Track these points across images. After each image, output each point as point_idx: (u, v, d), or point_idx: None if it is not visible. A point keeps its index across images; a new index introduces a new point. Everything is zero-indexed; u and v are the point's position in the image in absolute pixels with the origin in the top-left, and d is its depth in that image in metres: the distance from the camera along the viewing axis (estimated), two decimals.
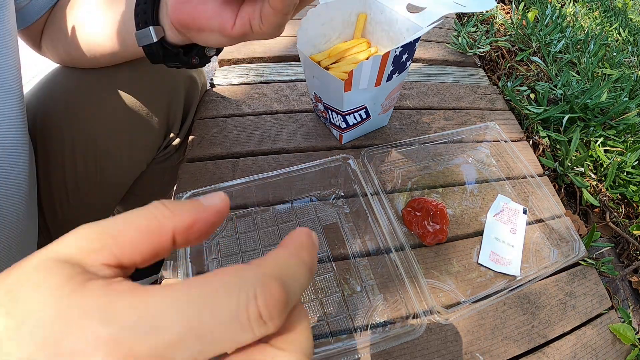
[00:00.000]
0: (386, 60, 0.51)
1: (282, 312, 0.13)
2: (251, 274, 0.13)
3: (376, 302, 0.49)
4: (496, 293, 0.48)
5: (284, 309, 0.14)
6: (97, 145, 0.53)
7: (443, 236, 0.55)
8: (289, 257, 0.15)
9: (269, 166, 0.62)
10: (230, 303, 0.13)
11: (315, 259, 0.16)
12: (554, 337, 0.51)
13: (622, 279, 0.61)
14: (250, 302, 0.13)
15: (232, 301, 0.13)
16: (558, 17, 1.12)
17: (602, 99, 0.80)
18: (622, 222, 0.68)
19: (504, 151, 0.66)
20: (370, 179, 0.56)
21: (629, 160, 0.72)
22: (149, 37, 0.38)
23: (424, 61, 0.90)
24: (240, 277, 0.13)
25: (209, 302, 0.12)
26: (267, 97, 0.74)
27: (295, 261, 0.15)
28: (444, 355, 0.47)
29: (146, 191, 0.72)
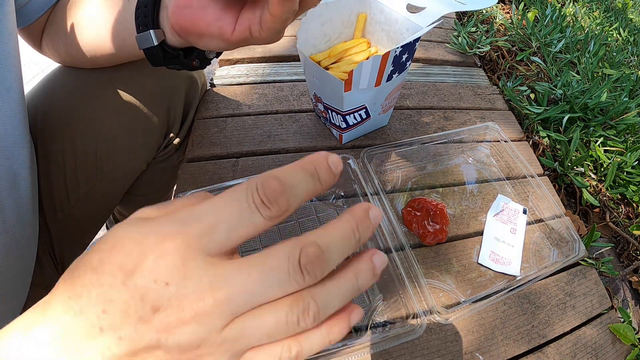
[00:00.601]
0: (386, 60, 0.51)
1: (318, 264, 0.17)
2: (291, 242, 0.18)
3: (376, 302, 0.49)
4: (496, 293, 0.48)
5: (320, 263, 0.17)
6: (97, 145, 0.53)
7: (443, 236, 0.55)
8: (332, 230, 0.19)
9: (269, 166, 0.62)
10: (277, 259, 0.17)
11: (365, 228, 0.20)
12: (554, 337, 0.51)
13: (622, 279, 0.61)
14: (291, 257, 0.17)
15: (279, 258, 0.17)
16: (558, 17, 1.12)
17: (602, 99, 0.80)
18: (622, 222, 0.68)
19: (504, 151, 0.66)
20: (370, 179, 0.56)
21: (629, 160, 0.72)
22: (150, 41, 0.38)
23: (424, 61, 0.90)
24: (284, 245, 0.18)
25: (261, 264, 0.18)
26: (267, 97, 0.74)
27: (336, 231, 0.19)
28: (444, 355, 0.47)
29: (146, 191, 0.72)
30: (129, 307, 0.16)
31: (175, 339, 0.16)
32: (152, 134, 0.59)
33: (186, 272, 0.16)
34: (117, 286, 0.16)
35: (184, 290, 0.16)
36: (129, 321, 0.16)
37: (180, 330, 0.16)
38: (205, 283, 0.16)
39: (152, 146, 0.61)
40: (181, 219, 0.17)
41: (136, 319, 0.16)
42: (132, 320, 0.16)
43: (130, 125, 0.55)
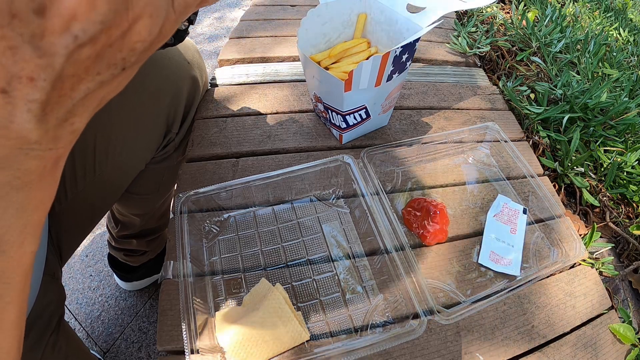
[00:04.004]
0: (386, 60, 0.51)
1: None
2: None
3: (376, 302, 0.49)
4: (496, 293, 0.48)
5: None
6: (96, 143, 0.53)
7: (443, 236, 0.55)
8: None
9: (269, 166, 0.62)
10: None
11: None
12: (554, 337, 0.51)
13: (622, 279, 0.61)
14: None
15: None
16: (558, 17, 1.12)
17: (602, 99, 0.80)
18: (622, 222, 0.68)
19: (504, 151, 0.66)
20: (370, 179, 0.56)
21: (629, 160, 0.72)
22: None
23: (424, 61, 0.90)
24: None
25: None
26: (267, 97, 0.74)
27: None
28: (444, 355, 0.47)
29: (145, 190, 0.72)
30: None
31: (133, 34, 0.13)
32: (151, 134, 0.59)
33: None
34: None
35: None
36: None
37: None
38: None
39: (151, 145, 0.61)
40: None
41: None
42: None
43: (129, 124, 0.55)
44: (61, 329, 0.50)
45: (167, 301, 0.48)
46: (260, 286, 0.48)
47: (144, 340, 0.93)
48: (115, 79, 0.15)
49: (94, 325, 0.95)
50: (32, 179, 0.16)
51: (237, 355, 0.42)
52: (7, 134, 0.14)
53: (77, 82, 0.14)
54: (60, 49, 0.13)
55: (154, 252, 0.94)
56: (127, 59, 0.15)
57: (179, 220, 0.49)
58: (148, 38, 0.15)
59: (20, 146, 0.14)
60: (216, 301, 0.48)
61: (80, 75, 0.14)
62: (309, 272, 0.51)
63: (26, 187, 0.16)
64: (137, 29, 0.14)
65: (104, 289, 1.01)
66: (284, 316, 0.45)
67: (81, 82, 0.14)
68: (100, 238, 1.09)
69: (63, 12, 0.12)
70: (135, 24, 0.14)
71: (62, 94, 0.14)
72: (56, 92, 0.14)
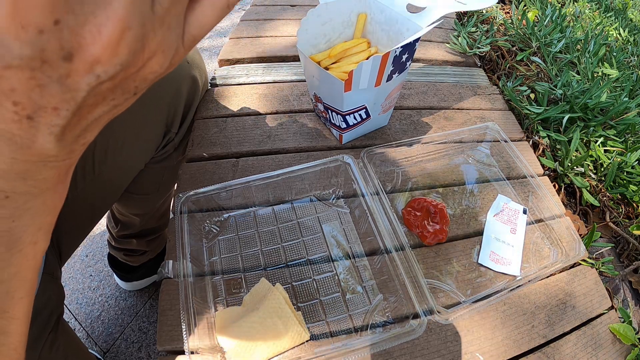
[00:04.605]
0: (386, 60, 0.51)
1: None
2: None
3: (376, 302, 0.49)
4: (496, 293, 0.48)
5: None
6: (95, 143, 0.52)
7: (443, 236, 0.55)
8: None
9: (269, 166, 0.62)
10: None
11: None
12: (554, 337, 0.51)
13: (622, 279, 0.61)
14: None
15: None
16: (558, 17, 1.12)
17: (602, 99, 0.80)
18: (622, 222, 0.68)
19: (504, 151, 0.66)
20: (370, 179, 0.56)
21: (629, 160, 0.72)
22: None
23: (424, 61, 0.90)
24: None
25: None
26: (267, 97, 0.74)
27: None
28: (444, 355, 0.47)
29: (145, 190, 0.72)
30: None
31: (111, 61, 0.14)
32: (151, 133, 0.59)
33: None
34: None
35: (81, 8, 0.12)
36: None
37: (105, 47, 0.13)
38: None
39: (150, 145, 0.61)
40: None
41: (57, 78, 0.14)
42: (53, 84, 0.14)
43: (128, 124, 0.55)
44: (60, 328, 0.50)
45: (167, 301, 0.48)
46: (260, 286, 0.48)
47: (144, 340, 0.93)
48: (127, 101, 0.17)
49: (94, 325, 0.95)
50: (48, 187, 0.17)
51: (237, 355, 0.42)
52: (30, 152, 0.15)
53: (94, 108, 0.16)
54: (83, 86, 0.14)
55: (154, 252, 0.94)
56: (139, 87, 0.17)
57: (179, 220, 0.49)
58: (159, 70, 0.16)
59: (40, 160, 0.16)
60: (216, 301, 0.48)
61: (98, 102, 0.16)
62: (309, 272, 0.51)
63: (43, 194, 0.17)
64: (150, 65, 0.16)
65: (104, 289, 1.01)
66: (284, 316, 0.45)
67: (97, 107, 0.16)
68: (100, 238, 1.09)
69: (88, 59, 0.13)
70: (150, 61, 0.15)
71: (81, 118, 0.16)
72: (76, 118, 0.15)
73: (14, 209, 0.17)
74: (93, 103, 0.15)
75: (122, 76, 0.15)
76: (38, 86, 0.13)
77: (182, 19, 0.16)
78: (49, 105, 0.14)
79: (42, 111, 0.14)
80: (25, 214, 0.17)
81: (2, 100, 0.13)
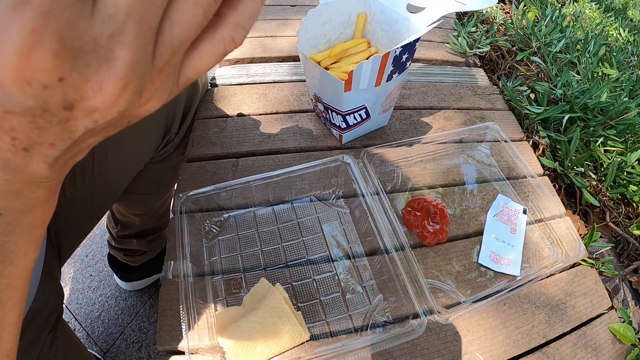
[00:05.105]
0: (386, 60, 0.51)
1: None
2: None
3: (376, 302, 0.49)
4: (496, 293, 0.48)
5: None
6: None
7: (443, 236, 0.55)
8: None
9: (269, 166, 0.62)
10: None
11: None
12: (554, 337, 0.51)
13: (622, 279, 0.61)
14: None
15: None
16: (558, 17, 1.12)
17: (602, 99, 0.80)
18: (622, 222, 0.68)
19: (504, 151, 0.66)
20: (370, 179, 0.56)
21: (629, 160, 0.72)
22: None
23: (424, 61, 0.90)
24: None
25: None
26: (267, 97, 0.74)
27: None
28: (444, 355, 0.47)
29: (145, 190, 0.72)
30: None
31: (110, 109, 0.14)
32: (150, 133, 0.59)
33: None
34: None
35: (85, 67, 0.12)
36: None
37: (106, 92, 0.13)
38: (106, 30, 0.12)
39: (150, 145, 0.61)
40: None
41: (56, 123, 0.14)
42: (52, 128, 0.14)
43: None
44: (59, 329, 0.50)
45: (167, 301, 0.48)
46: (260, 286, 0.48)
47: (144, 340, 0.93)
48: (119, 130, 0.18)
49: (94, 325, 0.95)
50: (39, 202, 0.18)
51: (237, 355, 0.42)
52: (23, 175, 0.16)
53: (88, 139, 0.16)
54: (80, 128, 0.15)
55: (154, 252, 0.94)
56: (132, 121, 0.17)
57: (179, 220, 0.49)
58: (153, 110, 0.17)
59: (33, 182, 0.16)
60: (216, 301, 0.48)
61: (92, 136, 0.16)
62: (309, 272, 0.51)
63: (34, 209, 0.18)
64: (145, 107, 0.16)
65: (104, 289, 1.01)
66: (284, 316, 0.45)
67: (91, 139, 0.16)
68: (100, 238, 1.09)
69: (88, 108, 0.14)
70: (145, 104, 0.16)
71: (74, 148, 0.16)
72: (69, 149, 0.16)
73: (6, 224, 0.17)
74: (88, 137, 0.16)
75: (118, 118, 0.15)
76: (37, 128, 0.14)
77: (179, 66, 0.16)
78: (46, 142, 0.15)
79: (39, 145, 0.15)
80: (17, 229, 0.18)
81: (1, 134, 0.14)
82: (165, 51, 0.14)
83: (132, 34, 0.12)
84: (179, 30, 0.14)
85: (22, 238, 0.18)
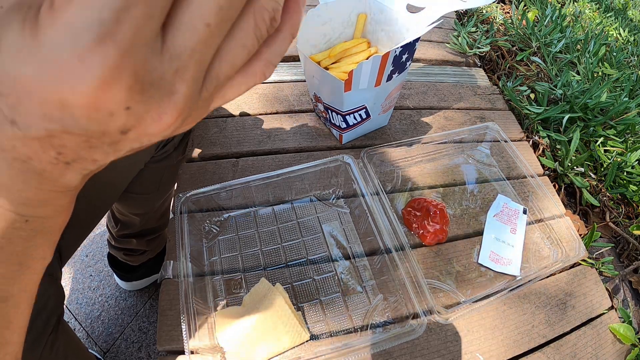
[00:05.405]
0: (386, 60, 0.51)
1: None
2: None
3: (376, 302, 0.49)
4: (496, 293, 0.48)
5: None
6: None
7: (443, 236, 0.55)
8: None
9: (269, 166, 0.62)
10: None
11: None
12: (554, 337, 0.51)
13: (622, 279, 0.61)
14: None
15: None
16: (558, 17, 1.12)
17: (602, 99, 0.80)
18: (622, 222, 0.68)
19: (504, 151, 0.66)
20: (370, 179, 0.56)
21: (629, 160, 0.72)
22: None
23: (424, 61, 0.90)
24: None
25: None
26: (267, 97, 0.74)
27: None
28: (444, 355, 0.47)
29: (145, 189, 0.72)
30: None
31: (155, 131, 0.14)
32: None
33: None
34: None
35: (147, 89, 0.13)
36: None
37: (163, 122, 0.14)
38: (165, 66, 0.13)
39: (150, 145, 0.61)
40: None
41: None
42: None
43: None
44: (60, 329, 0.50)
45: (167, 301, 0.48)
46: (260, 286, 0.48)
47: (144, 340, 0.93)
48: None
49: (94, 325, 0.95)
50: (63, 210, 0.19)
51: (237, 355, 0.42)
52: (54, 185, 0.16)
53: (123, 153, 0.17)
54: (127, 148, 0.15)
55: (154, 251, 0.94)
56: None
57: (179, 220, 0.49)
58: (184, 131, 0.18)
59: (61, 191, 0.17)
60: (216, 301, 0.48)
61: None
62: (309, 272, 0.51)
63: (57, 216, 0.19)
64: (181, 130, 0.17)
65: (104, 289, 1.01)
66: (284, 316, 0.45)
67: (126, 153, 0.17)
68: (100, 238, 1.09)
69: (142, 133, 0.14)
70: (182, 128, 0.17)
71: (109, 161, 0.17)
72: (105, 164, 0.17)
73: (31, 230, 0.18)
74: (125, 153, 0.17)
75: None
76: (89, 147, 0.14)
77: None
78: (90, 158, 0.15)
79: (82, 160, 0.15)
80: (38, 235, 0.18)
81: (47, 148, 0.14)
82: (211, 85, 0.15)
83: (192, 71, 0.14)
84: (226, 67, 0.15)
85: (42, 244, 0.19)
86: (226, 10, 0.13)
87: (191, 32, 0.13)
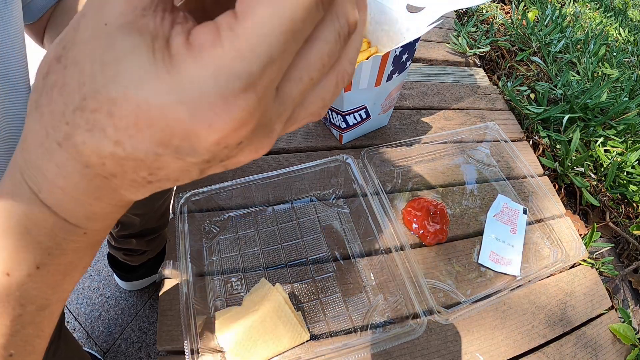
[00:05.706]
0: (386, 60, 0.51)
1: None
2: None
3: (376, 302, 0.49)
4: (496, 293, 0.48)
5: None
6: None
7: (443, 236, 0.55)
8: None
9: (269, 166, 0.62)
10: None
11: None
12: (554, 337, 0.51)
13: (622, 279, 0.61)
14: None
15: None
16: (558, 17, 1.12)
17: (602, 99, 0.80)
18: (622, 222, 0.68)
19: (504, 151, 0.66)
20: (370, 179, 0.56)
21: (629, 160, 0.72)
22: None
23: (424, 61, 0.90)
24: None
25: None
26: None
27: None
28: (444, 355, 0.47)
29: None
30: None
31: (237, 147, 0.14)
32: None
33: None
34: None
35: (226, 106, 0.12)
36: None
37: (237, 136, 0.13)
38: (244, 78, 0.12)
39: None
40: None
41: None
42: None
43: None
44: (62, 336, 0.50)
45: (167, 301, 0.48)
46: (260, 286, 0.48)
47: (144, 340, 0.93)
48: None
49: (94, 325, 0.95)
50: (115, 221, 0.19)
51: (237, 355, 0.42)
52: (122, 200, 0.16)
53: None
54: (210, 172, 0.16)
55: (154, 251, 0.94)
56: None
57: (179, 220, 0.49)
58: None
59: (125, 206, 0.17)
60: (216, 301, 0.48)
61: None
62: (309, 272, 0.51)
63: (110, 227, 0.19)
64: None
65: (104, 289, 1.01)
66: (284, 316, 0.45)
67: None
68: None
69: (235, 163, 0.15)
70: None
71: None
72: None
73: (85, 242, 0.18)
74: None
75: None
76: (182, 170, 0.14)
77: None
78: (173, 179, 0.15)
79: (166, 180, 0.15)
80: (89, 246, 0.19)
81: (142, 169, 0.14)
82: (290, 124, 0.16)
83: (289, 113, 0.15)
84: (304, 112, 0.16)
85: (89, 254, 0.19)
86: (326, 68, 0.14)
87: (297, 83, 0.14)
